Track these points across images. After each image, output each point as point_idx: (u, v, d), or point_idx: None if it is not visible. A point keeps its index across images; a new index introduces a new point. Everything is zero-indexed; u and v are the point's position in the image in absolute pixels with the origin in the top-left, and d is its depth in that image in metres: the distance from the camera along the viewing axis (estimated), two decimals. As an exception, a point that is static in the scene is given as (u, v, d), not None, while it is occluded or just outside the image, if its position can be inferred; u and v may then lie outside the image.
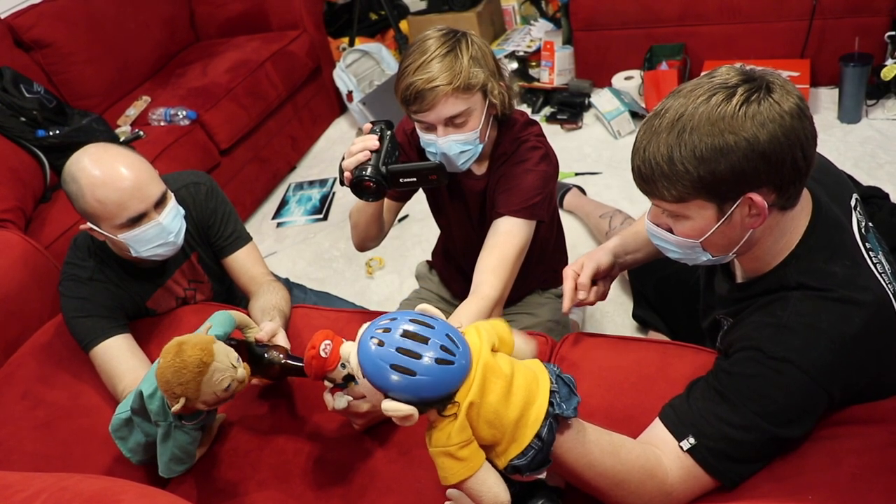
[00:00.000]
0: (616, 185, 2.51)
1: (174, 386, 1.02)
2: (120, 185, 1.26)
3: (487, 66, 1.25)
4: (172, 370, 1.02)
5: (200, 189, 1.50)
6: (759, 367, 0.87)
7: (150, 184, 1.30)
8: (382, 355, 0.70)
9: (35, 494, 0.64)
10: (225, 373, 1.04)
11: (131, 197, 1.27)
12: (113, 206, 1.26)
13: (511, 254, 1.31)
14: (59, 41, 2.60)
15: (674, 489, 0.88)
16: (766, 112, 0.80)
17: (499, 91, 1.28)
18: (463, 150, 1.29)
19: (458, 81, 1.20)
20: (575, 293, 1.21)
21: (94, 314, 1.39)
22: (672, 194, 0.86)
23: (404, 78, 1.23)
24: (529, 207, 1.32)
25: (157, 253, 1.36)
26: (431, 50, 1.21)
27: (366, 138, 1.23)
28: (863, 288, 0.87)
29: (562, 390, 0.76)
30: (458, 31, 1.26)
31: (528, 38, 3.32)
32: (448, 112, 1.23)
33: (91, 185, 1.26)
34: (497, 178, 1.38)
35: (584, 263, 1.22)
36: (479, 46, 1.25)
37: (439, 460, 0.73)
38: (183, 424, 1.11)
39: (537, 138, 1.38)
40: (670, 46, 2.80)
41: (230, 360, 1.06)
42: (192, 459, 1.19)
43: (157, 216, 1.32)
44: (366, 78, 3.28)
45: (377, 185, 1.20)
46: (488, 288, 1.27)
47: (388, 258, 2.46)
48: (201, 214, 1.50)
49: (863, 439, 0.89)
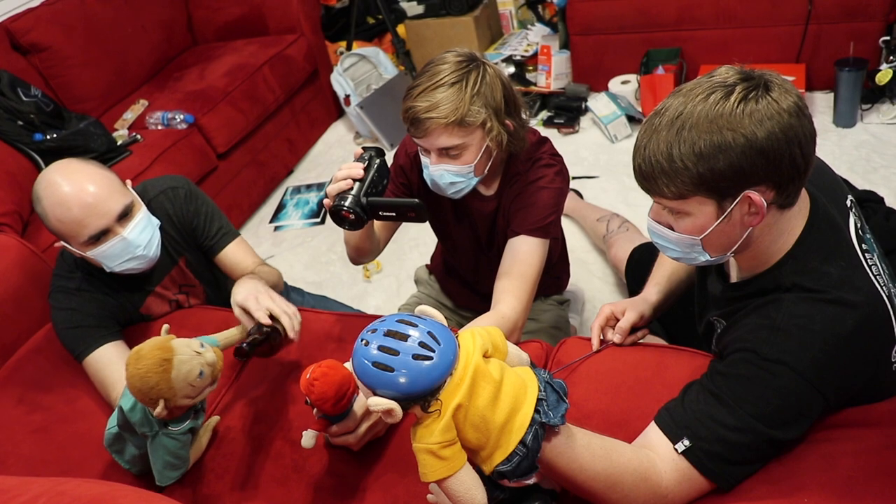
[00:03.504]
0: (613, 188, 2.52)
1: (147, 392, 1.03)
2: (76, 203, 1.24)
3: (494, 103, 1.21)
4: (138, 378, 1.02)
5: (179, 193, 1.49)
6: (754, 368, 0.87)
7: (109, 199, 1.28)
8: (366, 354, 0.73)
9: (33, 499, 0.64)
10: (191, 362, 1.04)
11: (88, 214, 1.25)
12: (72, 224, 1.26)
13: (529, 273, 1.31)
14: (56, 45, 2.60)
15: (669, 492, 0.88)
16: (764, 110, 0.81)
17: (497, 132, 1.23)
18: (454, 181, 1.28)
19: (454, 116, 1.18)
20: (602, 332, 1.22)
21: (83, 324, 1.39)
22: (672, 191, 0.87)
23: (408, 99, 1.21)
24: (545, 227, 1.32)
25: (129, 267, 1.35)
26: (440, 76, 1.19)
27: (351, 166, 1.20)
28: (857, 289, 0.87)
29: (550, 398, 0.77)
30: (475, 61, 1.22)
31: (524, 42, 3.33)
32: (442, 143, 1.22)
33: (51, 206, 1.25)
34: (512, 197, 1.36)
35: (627, 311, 1.21)
36: (490, 81, 1.21)
37: (421, 457, 0.74)
38: (169, 430, 1.11)
39: (551, 156, 1.37)
40: (667, 51, 2.81)
41: (192, 349, 1.06)
42: (187, 464, 1.19)
43: (122, 231, 1.30)
44: (363, 82, 3.28)
45: (355, 216, 1.18)
46: (508, 309, 1.26)
47: (386, 262, 2.46)
48: (183, 217, 1.49)
49: (858, 442, 0.89)
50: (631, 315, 1.21)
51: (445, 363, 0.72)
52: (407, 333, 0.73)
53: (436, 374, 0.72)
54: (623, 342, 1.21)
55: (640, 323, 1.22)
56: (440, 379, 0.72)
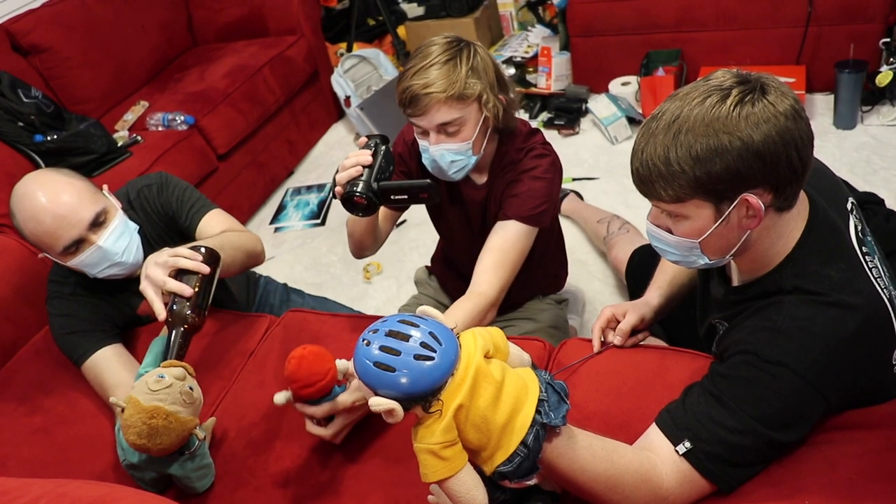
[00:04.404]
0: (613, 190, 2.52)
1: (157, 449, 1.06)
2: (44, 217, 1.24)
3: (487, 77, 1.25)
4: (150, 448, 1.05)
5: (152, 189, 1.48)
6: (755, 370, 0.87)
7: (79, 208, 1.26)
8: (367, 354, 0.73)
9: (33, 500, 0.64)
10: (173, 395, 1.05)
11: (58, 227, 1.25)
12: (45, 236, 1.26)
13: (512, 256, 1.32)
14: (56, 46, 2.60)
15: (670, 493, 0.88)
16: (760, 113, 0.81)
17: (493, 104, 1.26)
18: (454, 159, 1.29)
19: (452, 90, 1.21)
20: (603, 334, 1.23)
21: (79, 330, 1.38)
22: (669, 194, 0.87)
23: (403, 80, 1.24)
24: (536, 215, 1.33)
25: (111, 273, 1.34)
26: (433, 56, 1.22)
27: (359, 153, 1.23)
28: (858, 292, 0.87)
29: (551, 398, 0.77)
30: (463, 41, 1.26)
31: (525, 43, 3.33)
32: (440, 119, 1.24)
33: (24, 220, 1.26)
34: (503, 186, 1.38)
35: (628, 313, 1.22)
36: (482, 58, 1.25)
37: (422, 457, 0.74)
38: (186, 455, 1.13)
39: (543, 146, 1.38)
40: (667, 52, 2.81)
41: (160, 386, 1.05)
42: (211, 467, 1.20)
43: (97, 239, 1.29)
44: (363, 83, 3.29)
45: (367, 201, 1.20)
46: (486, 286, 1.28)
47: (386, 263, 2.46)
48: (162, 210, 1.48)
49: (859, 444, 0.89)
50: (632, 317, 1.21)
51: (447, 363, 0.72)
52: (408, 333, 0.73)
53: (437, 374, 0.72)
54: (624, 344, 1.21)
55: (640, 326, 1.22)
56: (442, 379, 0.72)
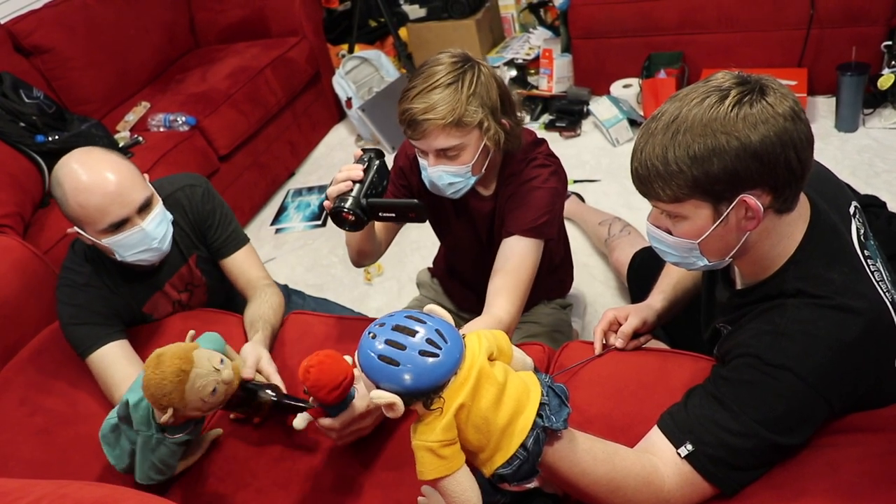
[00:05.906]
0: (614, 192, 2.52)
1: (159, 398, 1.02)
2: (101, 190, 1.25)
3: (490, 102, 1.22)
4: (154, 383, 1.02)
5: (196, 191, 1.50)
6: (758, 374, 0.87)
7: (132, 189, 1.29)
8: (372, 347, 0.73)
9: (35, 501, 0.64)
10: (208, 377, 1.04)
11: (112, 202, 1.26)
12: (94, 210, 1.26)
13: (522, 276, 1.30)
14: (58, 47, 2.60)
15: (672, 496, 0.88)
16: (758, 114, 0.81)
17: (495, 131, 1.23)
18: (452, 181, 1.28)
19: (451, 117, 1.18)
20: (605, 336, 1.22)
21: (89, 321, 1.39)
22: (668, 194, 0.87)
23: (404, 101, 1.22)
24: (538, 227, 1.31)
25: (141, 258, 1.35)
26: (436, 78, 1.19)
27: (351, 167, 1.20)
28: (861, 295, 0.87)
29: (552, 402, 0.77)
30: (469, 61, 1.23)
31: (526, 45, 3.34)
32: (439, 145, 1.22)
33: (74, 190, 1.26)
34: (506, 198, 1.37)
35: (630, 316, 1.22)
36: (485, 81, 1.22)
37: (420, 454, 0.74)
38: (165, 437, 1.11)
39: (546, 157, 1.37)
40: (668, 55, 2.81)
41: (212, 364, 1.05)
42: (172, 471, 1.18)
43: (141, 222, 1.31)
44: (365, 84, 3.29)
45: (355, 217, 1.18)
46: (502, 312, 1.26)
47: (387, 265, 2.46)
48: (198, 216, 1.50)
49: (862, 447, 0.89)
50: (634, 320, 1.21)
51: (451, 362, 0.73)
52: (415, 329, 0.73)
53: (441, 371, 0.72)
54: (625, 347, 1.21)
55: (642, 329, 1.22)
56: (445, 377, 0.72)
